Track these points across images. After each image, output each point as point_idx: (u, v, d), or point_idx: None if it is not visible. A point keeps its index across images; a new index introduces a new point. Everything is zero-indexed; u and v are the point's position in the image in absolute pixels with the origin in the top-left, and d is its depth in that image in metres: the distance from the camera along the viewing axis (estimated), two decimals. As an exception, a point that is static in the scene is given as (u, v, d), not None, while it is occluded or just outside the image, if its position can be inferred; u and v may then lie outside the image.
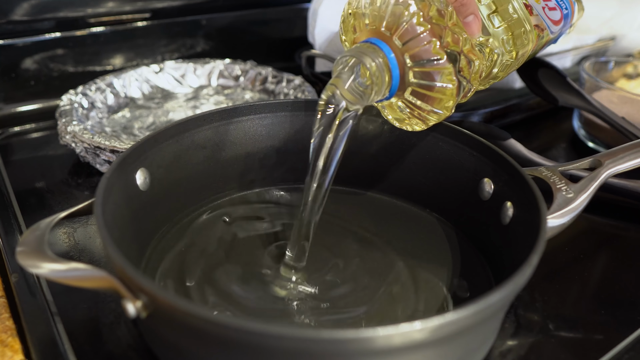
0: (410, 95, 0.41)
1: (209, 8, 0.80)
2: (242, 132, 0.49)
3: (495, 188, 0.44)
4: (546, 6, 0.47)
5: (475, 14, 0.40)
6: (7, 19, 0.66)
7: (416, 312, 0.39)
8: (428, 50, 0.38)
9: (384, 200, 0.52)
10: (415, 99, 0.41)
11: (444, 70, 0.38)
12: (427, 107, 0.41)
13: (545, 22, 0.47)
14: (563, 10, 0.48)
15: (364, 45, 0.39)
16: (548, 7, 0.47)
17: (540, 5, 0.47)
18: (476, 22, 0.40)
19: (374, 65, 0.38)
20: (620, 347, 0.40)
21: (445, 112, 0.41)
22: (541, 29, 0.47)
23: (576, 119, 0.70)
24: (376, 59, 0.38)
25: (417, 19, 0.38)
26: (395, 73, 0.39)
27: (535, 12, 0.47)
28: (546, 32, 0.48)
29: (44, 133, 0.66)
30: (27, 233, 0.36)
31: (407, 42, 0.39)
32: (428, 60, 0.38)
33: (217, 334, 0.29)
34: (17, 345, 0.38)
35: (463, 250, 0.45)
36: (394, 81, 0.40)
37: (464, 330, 0.31)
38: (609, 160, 0.43)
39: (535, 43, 0.47)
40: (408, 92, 0.40)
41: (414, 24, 0.38)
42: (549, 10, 0.47)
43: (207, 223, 0.47)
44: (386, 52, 0.39)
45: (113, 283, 0.32)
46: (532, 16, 0.46)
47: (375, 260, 0.44)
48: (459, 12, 0.40)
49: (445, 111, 0.41)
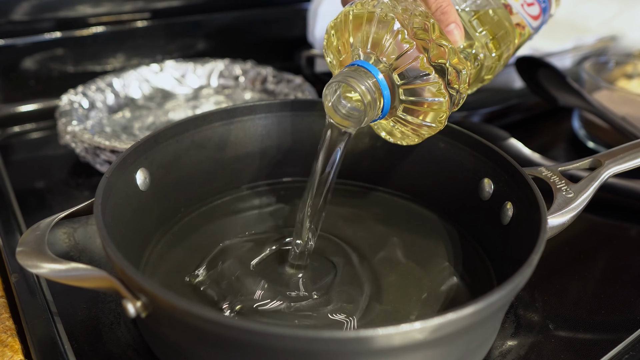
0: (402, 113, 0.40)
1: (209, 8, 0.80)
2: (242, 132, 0.49)
3: (495, 188, 0.44)
4: (525, 3, 0.47)
5: (456, 22, 0.40)
6: (7, 19, 0.66)
7: (416, 310, 0.39)
8: (416, 67, 0.38)
9: (386, 197, 0.52)
10: (407, 115, 0.40)
11: (434, 85, 0.38)
12: (420, 122, 0.40)
13: (525, 19, 0.47)
14: (541, 3, 0.49)
15: (351, 69, 0.39)
16: (527, 4, 0.47)
17: (519, 3, 0.47)
18: (458, 30, 0.40)
19: (364, 89, 0.38)
20: (620, 347, 0.40)
21: (438, 126, 0.41)
22: (522, 26, 0.47)
23: (576, 119, 0.70)
24: (365, 82, 0.38)
25: (402, 36, 0.38)
26: (386, 93, 0.39)
27: (515, 10, 0.47)
28: (527, 29, 0.48)
29: (44, 133, 0.66)
30: (27, 233, 0.36)
31: (394, 61, 0.38)
32: (417, 77, 0.38)
33: (217, 334, 0.29)
34: (17, 345, 0.38)
35: (465, 249, 0.45)
36: (385, 101, 0.39)
37: (464, 330, 0.31)
38: (609, 160, 0.43)
39: (518, 40, 0.48)
40: (400, 110, 0.40)
41: (399, 41, 0.38)
42: (528, 6, 0.48)
43: (207, 223, 0.47)
44: (374, 73, 0.38)
45: (113, 283, 0.32)
46: (513, 15, 0.46)
47: (376, 257, 0.45)
48: (440, 21, 0.40)
49: (439, 124, 0.40)
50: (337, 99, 0.40)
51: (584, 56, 0.80)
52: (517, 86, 0.73)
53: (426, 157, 0.49)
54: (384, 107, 0.40)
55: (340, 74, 0.39)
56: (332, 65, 0.43)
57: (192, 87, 0.72)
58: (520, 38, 0.48)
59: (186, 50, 0.79)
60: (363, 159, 0.51)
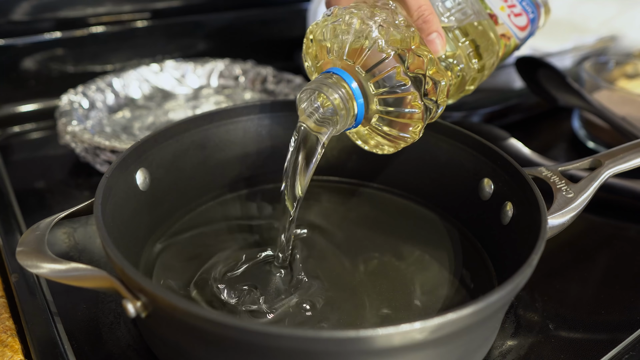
0: (376, 122, 0.40)
1: (209, 8, 0.80)
2: (242, 132, 0.49)
3: (495, 188, 0.44)
4: (512, 13, 0.46)
5: (438, 32, 0.40)
6: (7, 19, 0.66)
7: (416, 308, 0.39)
8: (392, 77, 0.37)
9: (385, 196, 0.52)
10: (382, 125, 0.40)
11: (409, 96, 0.38)
12: (394, 133, 0.40)
13: (511, 29, 0.46)
14: (529, 14, 0.48)
15: (326, 77, 0.39)
16: (514, 14, 0.47)
17: (505, 13, 0.46)
18: (440, 40, 0.40)
19: (337, 97, 0.38)
20: (620, 347, 0.40)
21: (413, 137, 0.40)
22: (507, 37, 0.47)
23: (576, 119, 0.70)
24: (339, 90, 0.38)
25: (379, 45, 0.37)
26: (360, 102, 0.39)
27: (501, 21, 0.46)
28: (513, 40, 0.47)
29: (44, 133, 0.66)
30: (27, 233, 0.36)
31: (370, 70, 0.38)
32: (392, 87, 0.38)
33: (217, 334, 0.29)
34: (17, 345, 0.38)
35: (465, 248, 0.45)
36: (359, 110, 0.39)
37: (464, 330, 0.31)
38: (609, 160, 0.43)
39: (502, 52, 0.47)
40: (375, 119, 0.40)
41: (376, 50, 0.37)
42: (515, 16, 0.47)
43: (207, 222, 0.47)
44: (348, 82, 0.38)
45: (113, 283, 0.32)
46: (498, 25, 0.46)
47: (377, 254, 0.45)
48: (422, 29, 0.40)
49: (414, 135, 0.40)
50: (311, 105, 0.40)
51: (584, 56, 0.80)
52: (517, 86, 0.73)
53: (426, 157, 0.49)
54: (357, 116, 0.39)
55: (315, 81, 0.39)
56: (309, 71, 0.43)
57: (192, 87, 0.72)
58: (505, 49, 0.47)
59: (186, 50, 0.79)
60: (363, 157, 0.51)
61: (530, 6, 0.48)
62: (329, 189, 0.52)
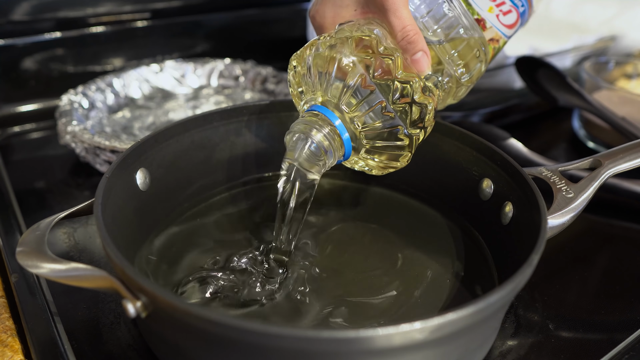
0: (365, 154, 0.41)
1: (209, 8, 0.80)
2: (242, 132, 0.49)
3: (495, 188, 0.44)
4: (500, 12, 0.45)
5: (423, 50, 0.39)
6: (7, 19, 0.66)
7: (417, 307, 0.39)
8: (377, 112, 0.38)
9: (388, 192, 0.52)
10: (370, 156, 0.40)
11: (395, 129, 0.38)
12: (382, 163, 0.41)
13: (500, 31, 0.45)
14: (519, 8, 0.46)
15: (310, 115, 0.39)
16: (502, 13, 0.45)
17: (494, 14, 0.44)
18: (425, 59, 0.39)
19: (321, 136, 0.38)
20: (620, 347, 0.40)
21: (402, 164, 0.41)
22: (496, 40, 0.45)
23: (576, 119, 0.70)
24: (323, 129, 0.38)
25: (362, 82, 0.37)
26: (346, 138, 0.39)
27: (489, 24, 0.44)
28: (502, 41, 0.46)
29: (44, 133, 0.66)
30: (27, 233, 0.36)
31: (354, 106, 0.38)
32: (378, 122, 0.38)
33: (217, 334, 0.29)
34: (17, 345, 0.38)
35: (467, 247, 0.45)
36: (346, 145, 0.39)
37: (464, 330, 0.31)
38: (609, 160, 0.43)
39: (491, 55, 0.46)
40: (363, 151, 0.40)
41: (360, 87, 0.37)
42: (504, 15, 0.45)
43: (207, 222, 0.47)
44: (332, 120, 0.38)
45: (113, 283, 0.32)
46: (486, 30, 0.44)
47: (378, 252, 0.45)
48: (406, 50, 0.39)
49: (403, 162, 0.40)
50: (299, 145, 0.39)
51: (584, 56, 0.80)
52: (517, 86, 0.73)
53: (426, 157, 0.49)
54: (345, 150, 0.40)
55: (300, 121, 0.39)
56: (295, 98, 0.43)
57: (192, 87, 0.72)
58: (494, 52, 0.46)
59: (186, 50, 0.79)
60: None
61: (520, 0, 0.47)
62: (332, 185, 0.52)
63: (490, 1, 0.44)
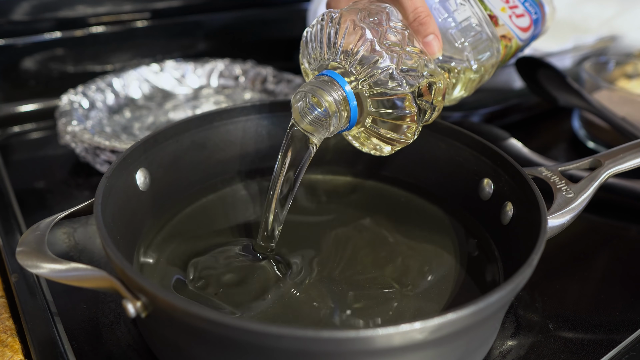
0: (371, 124, 0.40)
1: (209, 8, 0.80)
2: (242, 132, 0.49)
3: (495, 188, 0.44)
4: (513, 14, 0.46)
5: (435, 34, 0.39)
6: (7, 19, 0.66)
7: (418, 306, 0.39)
8: (385, 79, 0.38)
9: (389, 189, 0.52)
10: (376, 127, 0.40)
11: (402, 97, 0.38)
12: (388, 135, 0.40)
13: (512, 31, 0.46)
14: (532, 15, 0.47)
15: (320, 79, 0.39)
16: (515, 15, 0.46)
17: (506, 14, 0.45)
18: (436, 42, 0.39)
19: (330, 100, 0.38)
20: (620, 347, 0.40)
21: (407, 138, 0.40)
22: (508, 38, 0.46)
23: (576, 119, 0.70)
24: (333, 93, 0.38)
25: (372, 46, 0.37)
26: (353, 105, 0.39)
27: (502, 22, 0.45)
28: (514, 41, 0.47)
29: (44, 133, 0.66)
30: (27, 233, 0.36)
31: (363, 71, 0.38)
32: (385, 89, 0.38)
33: (217, 334, 0.29)
34: (17, 345, 0.38)
35: (470, 246, 0.45)
36: (352, 112, 0.39)
37: (464, 330, 0.31)
38: (609, 160, 0.43)
39: (503, 53, 0.46)
40: (369, 120, 0.40)
41: (369, 52, 0.37)
42: (517, 17, 0.46)
43: (207, 222, 0.47)
44: (342, 84, 0.38)
45: (113, 283, 0.32)
46: (498, 27, 0.45)
47: (379, 247, 0.45)
48: (418, 32, 0.39)
49: (408, 137, 0.40)
50: (305, 106, 0.40)
51: (584, 56, 0.80)
52: (517, 86, 0.73)
53: (426, 156, 0.49)
54: (351, 118, 0.40)
55: (309, 83, 0.39)
56: (305, 72, 0.43)
57: (192, 87, 0.72)
58: (506, 50, 0.46)
59: (186, 50, 0.79)
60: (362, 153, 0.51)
61: (533, 7, 0.47)
62: (335, 181, 0.52)
63: (503, 2, 0.45)
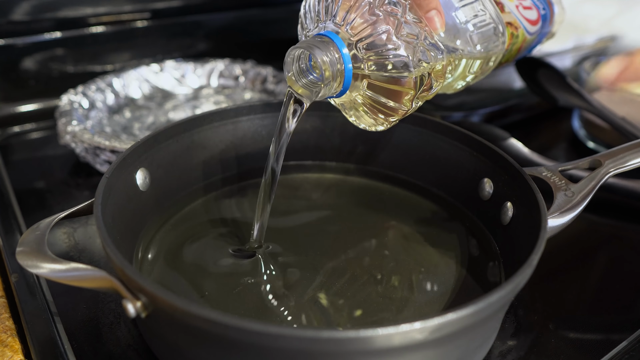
0: (367, 90, 0.39)
1: (209, 8, 0.80)
2: (242, 132, 0.49)
3: (495, 188, 0.44)
4: (520, 4, 0.46)
5: (437, 9, 0.39)
6: (7, 19, 0.66)
7: (419, 305, 0.39)
8: (382, 41, 0.37)
9: (388, 188, 0.52)
10: (372, 92, 0.39)
11: (400, 60, 0.37)
12: (385, 101, 0.39)
13: (519, 20, 0.46)
14: (540, 10, 0.47)
15: (316, 39, 0.38)
16: (522, 6, 0.46)
17: (513, 4, 0.45)
18: (439, 17, 0.39)
19: (325, 59, 0.37)
20: (620, 347, 0.40)
21: (405, 106, 0.39)
22: (515, 27, 0.46)
23: (576, 119, 0.70)
24: (328, 53, 0.37)
25: (369, 8, 0.37)
26: (348, 67, 0.38)
27: (507, 9, 0.45)
28: (521, 31, 0.46)
29: (44, 133, 0.66)
30: (27, 233, 0.36)
31: (359, 32, 0.37)
32: (383, 51, 0.37)
33: (217, 334, 0.29)
34: (17, 345, 0.38)
35: (471, 244, 0.45)
36: (347, 75, 0.38)
37: (464, 330, 0.31)
38: (609, 160, 0.43)
39: (509, 42, 0.46)
40: (364, 86, 0.39)
41: (367, 13, 0.37)
42: (524, 9, 0.46)
43: (207, 222, 0.47)
44: (339, 45, 0.38)
45: (113, 283, 0.32)
46: (504, 13, 0.45)
47: (380, 246, 0.45)
48: (420, 6, 0.39)
49: (405, 105, 0.39)
50: (298, 66, 0.39)
51: (584, 56, 0.80)
52: (517, 86, 0.73)
53: (426, 156, 0.49)
54: (345, 81, 0.38)
55: (305, 41, 0.38)
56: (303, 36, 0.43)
57: (192, 87, 0.72)
58: (512, 39, 0.46)
59: (186, 50, 0.79)
60: (367, 144, 0.51)
61: (541, 2, 0.47)
62: (334, 179, 0.53)
63: None
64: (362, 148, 0.52)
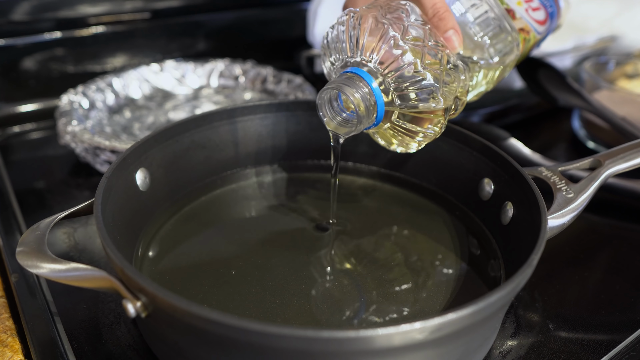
0: (397, 119, 0.40)
1: (209, 8, 0.80)
2: (242, 132, 0.49)
3: (495, 188, 0.44)
4: (529, 7, 0.46)
5: (454, 29, 0.40)
6: (7, 19, 0.66)
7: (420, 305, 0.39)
8: (410, 72, 0.38)
9: (390, 189, 0.52)
10: (403, 122, 0.40)
11: (428, 90, 0.38)
12: (416, 129, 0.41)
13: (530, 24, 0.46)
14: (547, 8, 0.47)
15: (344, 77, 0.39)
16: (531, 8, 0.46)
17: (522, 8, 0.46)
18: (457, 37, 0.40)
19: (358, 97, 0.38)
20: (620, 347, 0.40)
21: (436, 131, 0.41)
22: (526, 31, 0.46)
23: (576, 119, 0.70)
24: (359, 90, 0.38)
25: (395, 42, 0.38)
26: (380, 101, 0.39)
27: (519, 15, 0.46)
28: (532, 34, 0.47)
29: (44, 133, 0.66)
30: (27, 233, 0.36)
31: (387, 66, 0.38)
32: (411, 83, 0.38)
33: (217, 334, 0.29)
34: (17, 345, 0.38)
35: (471, 243, 0.45)
36: (379, 109, 0.39)
37: (464, 330, 0.31)
38: (609, 160, 0.43)
39: (522, 47, 0.47)
40: (395, 116, 0.40)
41: (392, 47, 0.38)
42: (533, 11, 0.46)
43: (207, 221, 0.47)
44: (368, 81, 0.38)
45: (113, 283, 0.32)
46: (516, 20, 0.46)
47: (381, 246, 0.45)
48: (438, 27, 0.40)
49: (436, 130, 0.40)
50: (331, 106, 0.41)
51: (584, 56, 0.80)
52: (517, 86, 0.73)
53: (427, 156, 0.49)
54: (377, 114, 0.40)
55: (335, 80, 0.39)
56: (329, 76, 0.43)
57: (192, 87, 0.72)
58: (525, 43, 0.47)
59: (186, 50, 0.79)
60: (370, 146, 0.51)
61: (548, 0, 0.48)
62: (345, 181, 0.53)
63: None
64: (362, 148, 0.52)
